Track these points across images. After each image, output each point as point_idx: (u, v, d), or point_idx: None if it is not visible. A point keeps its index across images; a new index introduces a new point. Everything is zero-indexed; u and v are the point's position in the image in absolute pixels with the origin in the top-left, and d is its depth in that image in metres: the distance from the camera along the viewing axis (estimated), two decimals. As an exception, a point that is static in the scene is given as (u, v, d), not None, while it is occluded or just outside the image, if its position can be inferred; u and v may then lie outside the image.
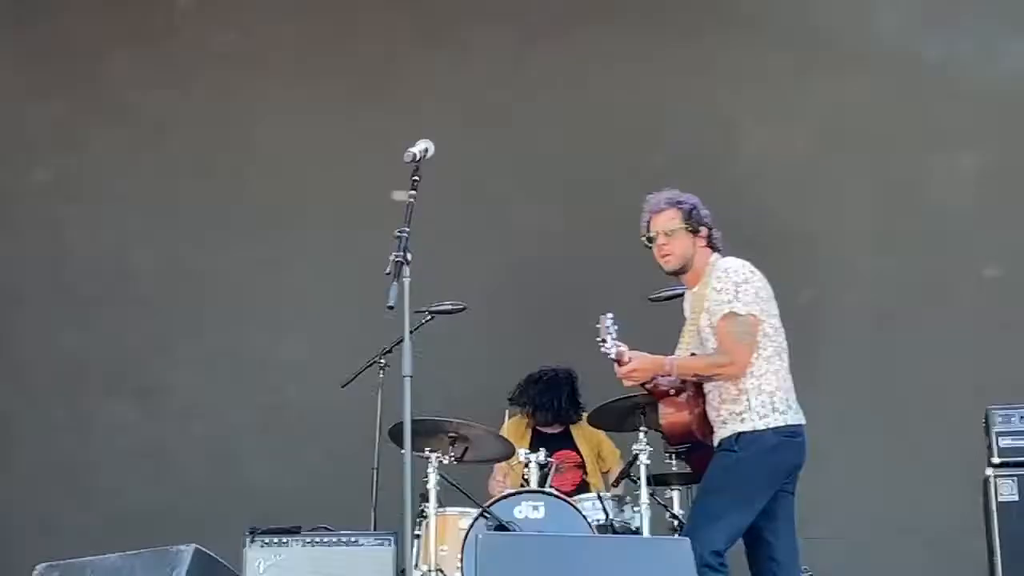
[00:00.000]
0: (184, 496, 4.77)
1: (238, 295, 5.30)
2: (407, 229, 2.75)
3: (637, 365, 3.12)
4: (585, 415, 4.35)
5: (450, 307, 4.09)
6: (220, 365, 5.22)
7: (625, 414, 3.88)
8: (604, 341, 3.12)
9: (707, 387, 3.17)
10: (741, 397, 3.06)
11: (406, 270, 2.70)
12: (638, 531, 3.64)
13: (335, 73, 5.50)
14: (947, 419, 4.71)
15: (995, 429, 3.88)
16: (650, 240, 3.25)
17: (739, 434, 3.05)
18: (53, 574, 3.52)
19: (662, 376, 3.16)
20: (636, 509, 3.69)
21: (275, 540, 3.78)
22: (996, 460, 3.84)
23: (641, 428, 3.76)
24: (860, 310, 5.31)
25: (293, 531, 3.80)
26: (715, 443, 3.18)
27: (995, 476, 3.80)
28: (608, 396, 3.87)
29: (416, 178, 2.90)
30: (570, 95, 5.53)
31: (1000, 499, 3.78)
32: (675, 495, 3.93)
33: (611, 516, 3.69)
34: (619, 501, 3.85)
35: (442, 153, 2.91)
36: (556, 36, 5.49)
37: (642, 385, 3.29)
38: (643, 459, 3.69)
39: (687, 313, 3.35)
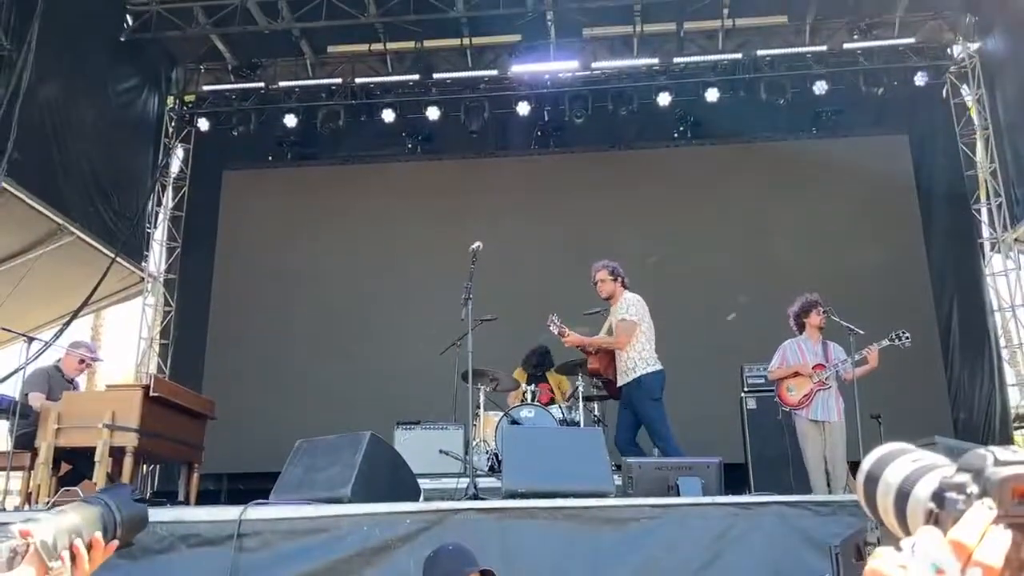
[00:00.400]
0: (361, 408, 9.02)
1: (389, 313, 9.58)
2: (470, 282, 6.13)
3: (572, 339, 6.60)
4: (553, 368, 8.20)
5: (490, 318, 7.53)
6: (383, 343, 9.68)
7: (572, 368, 7.76)
8: (551, 326, 6.58)
9: (616, 354, 6.56)
10: (632, 359, 6.39)
11: (469, 302, 6.07)
12: (577, 423, 7.32)
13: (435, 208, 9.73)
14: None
15: (746, 374, 7.79)
16: (594, 283, 6.71)
17: (639, 378, 6.31)
18: (304, 445, 7.21)
19: (588, 346, 6.73)
20: (576, 413, 7.53)
21: (407, 427, 7.71)
22: (747, 388, 7.76)
23: (579, 375, 7.64)
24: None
25: (415, 422, 7.75)
26: (624, 382, 6.42)
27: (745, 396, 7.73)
28: (564, 359, 7.80)
29: (474, 257, 6.26)
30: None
31: (747, 407, 7.70)
32: (595, 405, 7.81)
33: (564, 416, 7.49)
34: (568, 409, 7.57)
35: (488, 249, 6.63)
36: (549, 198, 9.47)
37: (581, 349, 6.82)
38: (581, 389, 7.59)
39: (609, 318, 6.76)
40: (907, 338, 6.25)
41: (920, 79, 10.57)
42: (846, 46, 10.84)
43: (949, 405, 9.89)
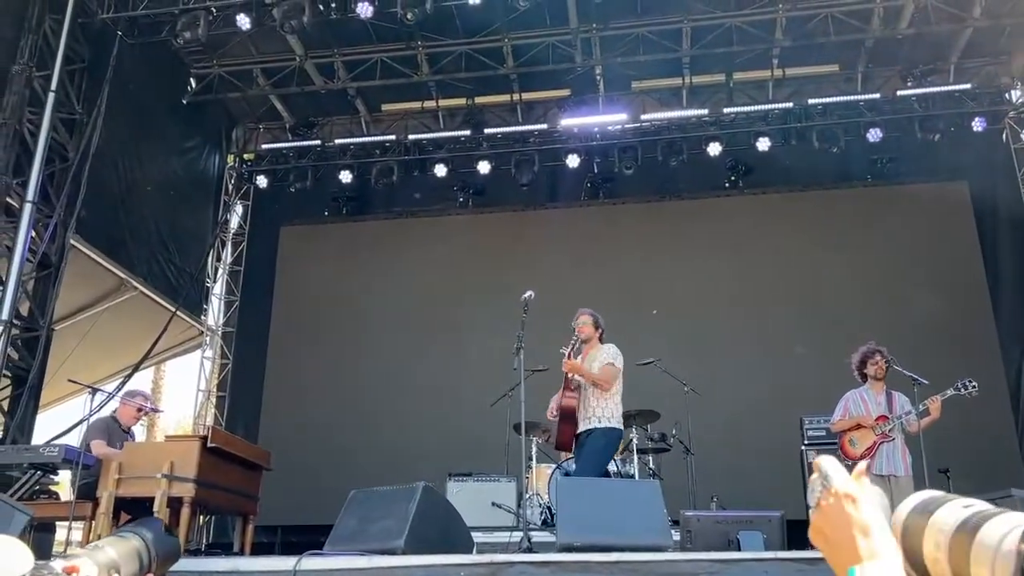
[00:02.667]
0: (414, 459, 9.01)
1: (442, 365, 9.85)
2: (522, 332, 6.06)
3: (572, 363, 5.88)
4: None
5: (542, 368, 7.40)
6: (436, 394, 9.68)
7: (624, 419, 7.63)
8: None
9: (588, 400, 5.86)
10: (609, 408, 5.81)
11: (520, 352, 6.00)
12: (631, 476, 7.16)
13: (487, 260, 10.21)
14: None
15: (806, 426, 7.60)
16: (576, 323, 6.13)
17: (610, 428, 5.77)
18: (358, 495, 7.22)
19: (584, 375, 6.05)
20: (631, 465, 7.33)
21: (460, 478, 7.67)
22: (807, 441, 7.56)
23: (634, 426, 7.53)
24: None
25: (468, 474, 7.70)
26: (589, 427, 5.75)
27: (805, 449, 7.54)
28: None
29: (526, 307, 6.16)
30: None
31: (809, 461, 7.50)
32: (650, 457, 7.68)
33: (618, 468, 7.30)
34: (623, 462, 7.40)
35: (540, 299, 6.64)
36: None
37: (572, 377, 6.07)
38: (635, 441, 7.47)
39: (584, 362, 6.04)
40: (974, 387, 6.03)
41: (978, 124, 10.41)
42: (900, 93, 10.74)
43: (1020, 457, 9.48)
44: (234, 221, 12.41)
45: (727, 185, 11.34)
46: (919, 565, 0.91)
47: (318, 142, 11.80)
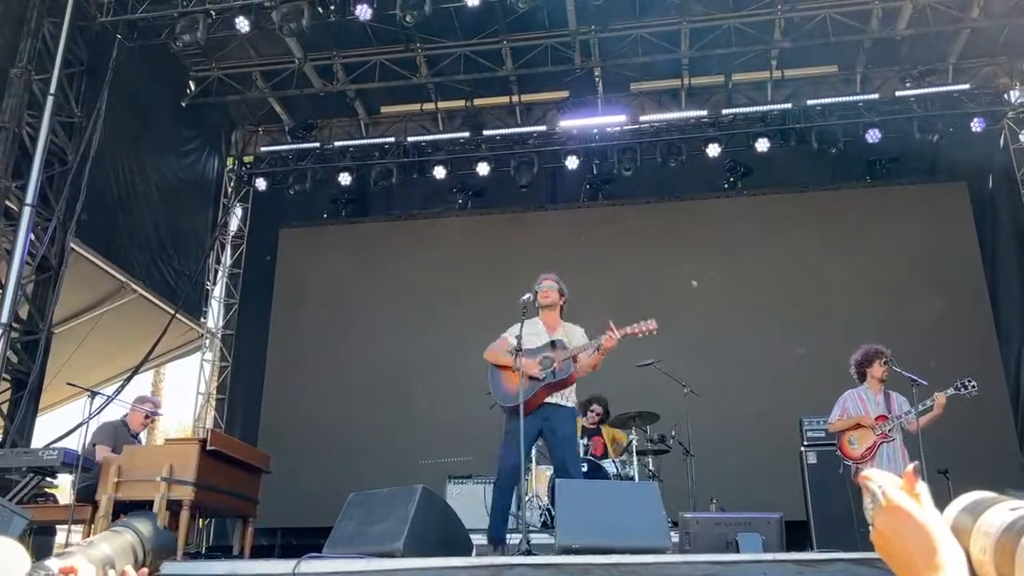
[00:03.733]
0: (413, 461, 8.97)
1: (441, 367, 9.99)
2: (520, 333, 5.99)
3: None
4: (607, 421, 8.10)
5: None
6: (435, 396, 9.68)
7: (626, 421, 7.67)
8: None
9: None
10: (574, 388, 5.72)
11: (519, 354, 5.93)
12: (631, 478, 7.21)
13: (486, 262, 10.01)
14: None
15: (805, 427, 7.58)
16: (539, 287, 5.89)
17: (573, 407, 5.65)
18: (357, 498, 7.18)
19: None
20: (630, 467, 7.36)
21: (459, 481, 7.68)
22: (806, 442, 7.53)
23: (633, 428, 7.55)
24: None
25: (467, 476, 7.71)
26: (560, 403, 5.51)
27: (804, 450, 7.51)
28: (616, 411, 7.70)
29: (525, 309, 5.97)
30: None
31: (808, 462, 7.47)
32: (650, 459, 7.69)
33: (618, 470, 7.38)
34: (623, 464, 7.46)
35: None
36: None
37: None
38: (635, 443, 7.49)
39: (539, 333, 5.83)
40: (973, 387, 6.03)
41: (977, 125, 10.41)
42: (898, 94, 10.74)
43: (1020, 457, 9.48)
44: (233, 223, 12.41)
45: (726, 186, 11.34)
46: (968, 567, 0.89)
47: (317, 144, 11.80)
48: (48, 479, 5.99)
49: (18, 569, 1.16)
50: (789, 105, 10.88)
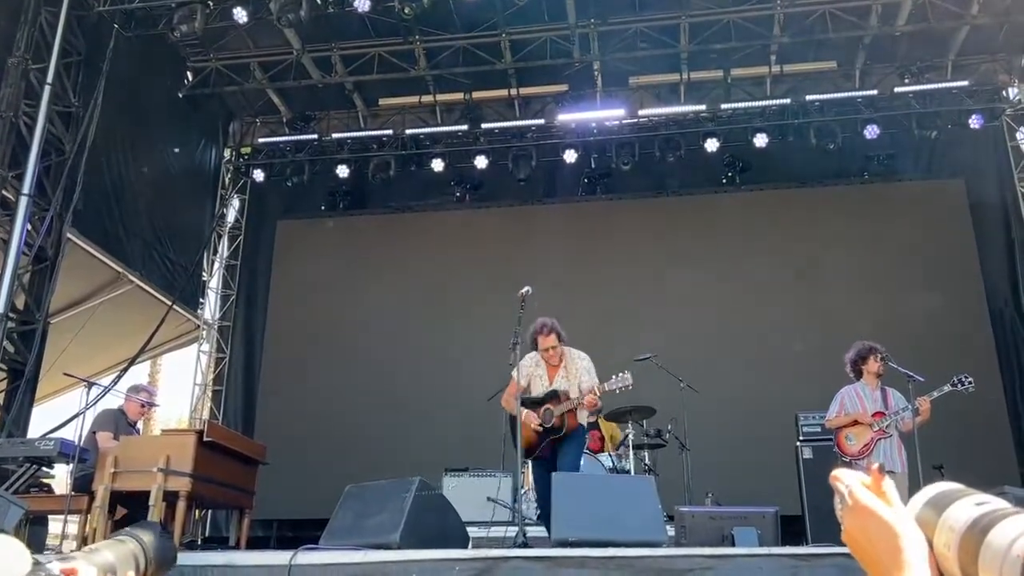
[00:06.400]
0: (410, 454, 8.98)
1: (438, 359, 10.13)
2: (519, 327, 5.96)
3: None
4: (603, 414, 8.09)
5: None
6: (432, 389, 9.74)
7: (622, 415, 7.67)
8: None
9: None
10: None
11: (517, 348, 5.89)
12: (627, 472, 7.22)
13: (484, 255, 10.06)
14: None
15: (801, 423, 7.60)
16: (543, 341, 5.94)
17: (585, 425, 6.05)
18: (353, 490, 7.17)
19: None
20: (627, 461, 7.41)
21: (456, 473, 7.67)
22: (802, 437, 7.55)
23: (629, 422, 7.56)
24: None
25: (464, 469, 7.71)
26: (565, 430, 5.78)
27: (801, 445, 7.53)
28: (612, 405, 7.69)
29: (523, 303, 6.00)
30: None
31: (803, 457, 7.49)
32: (646, 453, 7.69)
33: (615, 464, 7.39)
34: (619, 458, 7.48)
35: (537, 295, 6.63)
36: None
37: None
38: (631, 437, 7.50)
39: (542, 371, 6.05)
40: (970, 383, 6.05)
41: (975, 122, 10.41)
42: (897, 90, 10.73)
43: (1015, 454, 9.51)
44: (231, 215, 12.37)
45: (724, 181, 11.34)
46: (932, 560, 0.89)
47: (315, 136, 11.77)
48: (44, 469, 5.98)
49: (20, 570, 1.16)
50: (788, 101, 10.87)
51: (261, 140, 12.18)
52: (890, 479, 0.95)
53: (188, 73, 10.99)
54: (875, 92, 10.83)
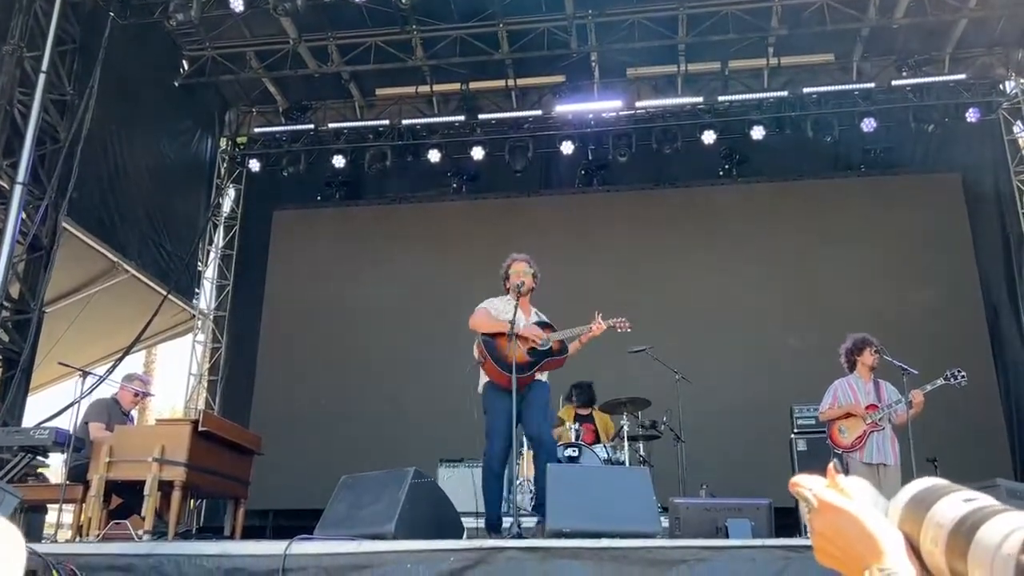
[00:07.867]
0: (405, 444, 8.98)
1: (434, 350, 10.01)
2: (514, 318, 6.13)
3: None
4: (597, 405, 8.04)
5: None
6: (428, 379, 9.70)
7: (617, 407, 7.69)
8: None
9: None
10: None
11: (513, 339, 6.18)
12: (622, 463, 7.25)
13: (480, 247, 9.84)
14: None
15: (796, 415, 7.64)
16: (522, 279, 5.93)
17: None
18: (348, 480, 7.23)
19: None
20: (621, 452, 7.41)
21: (451, 464, 7.70)
22: (796, 430, 7.60)
23: (624, 414, 7.57)
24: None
25: (459, 460, 7.73)
26: (542, 379, 5.70)
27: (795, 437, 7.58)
28: (607, 397, 7.71)
29: (519, 294, 6.21)
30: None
31: (798, 449, 7.55)
32: (640, 445, 7.71)
33: (609, 456, 7.41)
34: (613, 449, 7.51)
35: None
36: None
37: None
38: (626, 429, 7.51)
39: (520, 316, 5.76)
40: (963, 376, 6.07)
41: (972, 115, 10.41)
42: (895, 83, 10.72)
43: (1008, 447, 9.55)
44: (226, 205, 12.35)
45: (721, 173, 11.34)
46: (915, 553, 0.88)
47: (311, 126, 11.73)
48: (39, 458, 5.98)
49: (16, 558, 1.16)
50: (785, 93, 10.85)
51: (257, 129, 12.14)
52: (848, 476, 0.96)
53: (184, 62, 10.94)
54: (872, 85, 10.81)
